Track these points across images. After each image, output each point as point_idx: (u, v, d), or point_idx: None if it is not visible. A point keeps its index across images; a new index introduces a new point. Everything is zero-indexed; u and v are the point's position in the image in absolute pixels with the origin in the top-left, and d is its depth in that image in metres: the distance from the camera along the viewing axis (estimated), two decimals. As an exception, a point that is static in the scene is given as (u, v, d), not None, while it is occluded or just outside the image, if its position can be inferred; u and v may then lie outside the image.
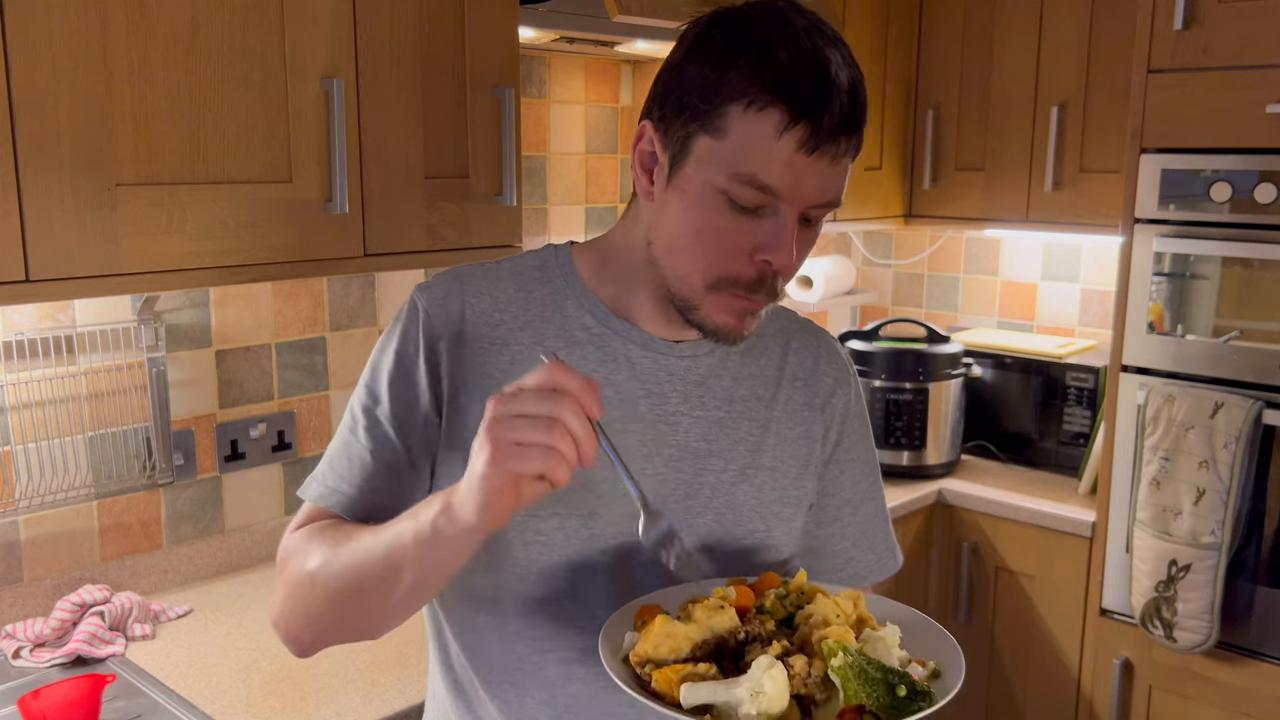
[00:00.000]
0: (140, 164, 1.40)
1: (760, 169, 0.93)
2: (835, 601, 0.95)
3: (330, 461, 1.09)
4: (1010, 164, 2.73)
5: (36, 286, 1.34)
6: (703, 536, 1.08)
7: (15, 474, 1.70)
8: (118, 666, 1.61)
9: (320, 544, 1.01)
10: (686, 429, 1.08)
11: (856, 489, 1.20)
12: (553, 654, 1.06)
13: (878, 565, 1.24)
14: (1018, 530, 2.58)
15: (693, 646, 0.90)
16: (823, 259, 3.05)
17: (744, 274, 0.98)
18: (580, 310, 1.08)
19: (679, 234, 0.99)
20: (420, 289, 1.09)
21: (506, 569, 1.05)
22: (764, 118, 0.92)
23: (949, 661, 0.94)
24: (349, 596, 0.98)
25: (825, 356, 1.19)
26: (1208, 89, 2.15)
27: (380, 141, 1.65)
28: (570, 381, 0.84)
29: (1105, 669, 2.43)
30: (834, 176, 0.96)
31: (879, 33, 2.75)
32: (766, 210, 0.96)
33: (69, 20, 1.32)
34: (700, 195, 0.97)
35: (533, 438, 0.82)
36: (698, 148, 0.96)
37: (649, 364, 1.08)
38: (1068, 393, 2.73)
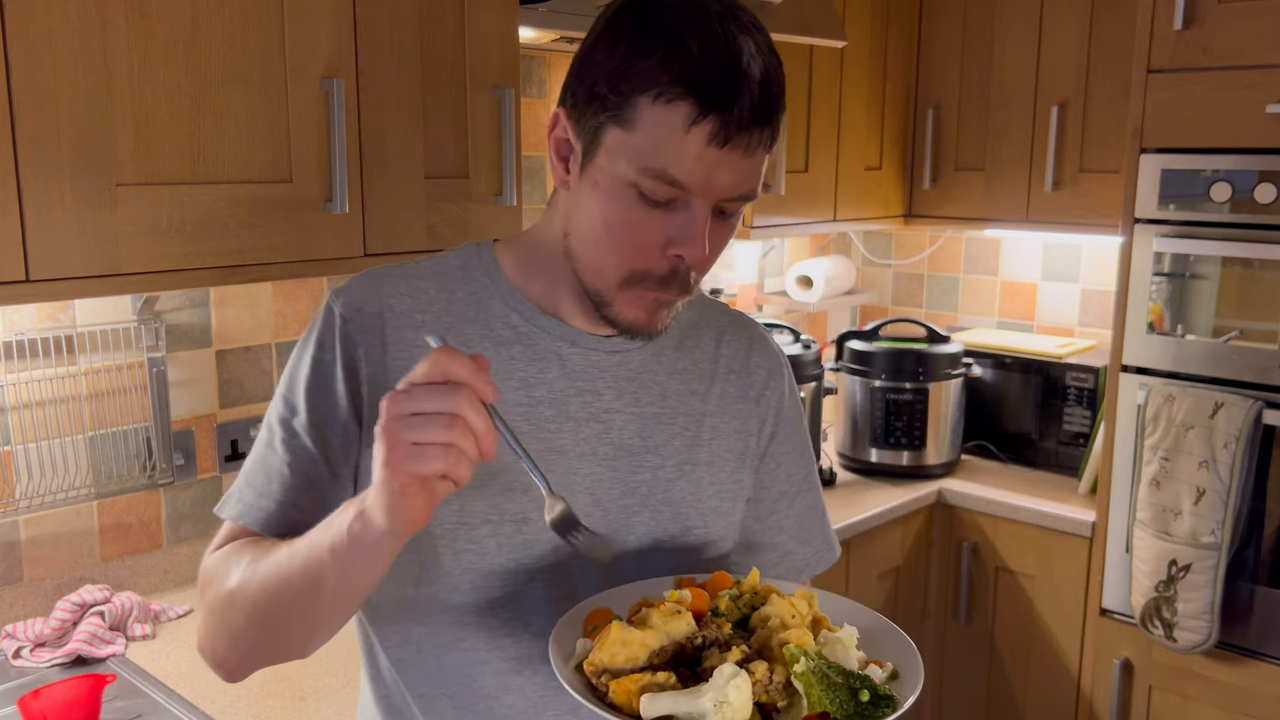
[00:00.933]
0: (140, 164, 1.40)
1: (670, 163, 0.91)
2: (790, 601, 0.93)
3: (247, 477, 1.04)
4: (1010, 164, 2.73)
5: (36, 286, 1.34)
6: (641, 535, 1.05)
7: (15, 474, 1.70)
8: (118, 666, 1.61)
9: (238, 562, 0.97)
10: (621, 426, 1.05)
11: (792, 481, 1.19)
12: (487, 665, 1.02)
13: (815, 557, 1.21)
14: (1018, 530, 2.58)
15: (650, 654, 0.87)
16: (823, 259, 3.05)
17: (656, 268, 0.95)
18: (506, 309, 1.05)
19: (591, 227, 0.97)
20: (335, 293, 1.04)
21: (437, 579, 1.01)
22: (673, 110, 0.89)
23: (906, 662, 0.92)
24: (270, 614, 0.94)
25: (757, 349, 1.17)
26: (1208, 89, 2.15)
27: (380, 141, 1.65)
28: (461, 369, 0.80)
29: (1105, 669, 2.43)
30: (748, 169, 0.93)
31: (879, 33, 2.75)
32: (678, 203, 0.93)
33: (69, 20, 1.32)
34: (611, 187, 0.94)
35: (430, 436, 0.78)
36: (608, 139, 0.93)
37: (579, 361, 1.05)
38: (1068, 393, 2.73)
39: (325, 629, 0.95)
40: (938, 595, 2.74)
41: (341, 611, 0.93)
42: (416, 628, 1.03)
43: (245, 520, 1.02)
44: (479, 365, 0.81)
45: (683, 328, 1.13)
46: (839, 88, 2.67)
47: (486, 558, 1.00)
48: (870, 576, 2.55)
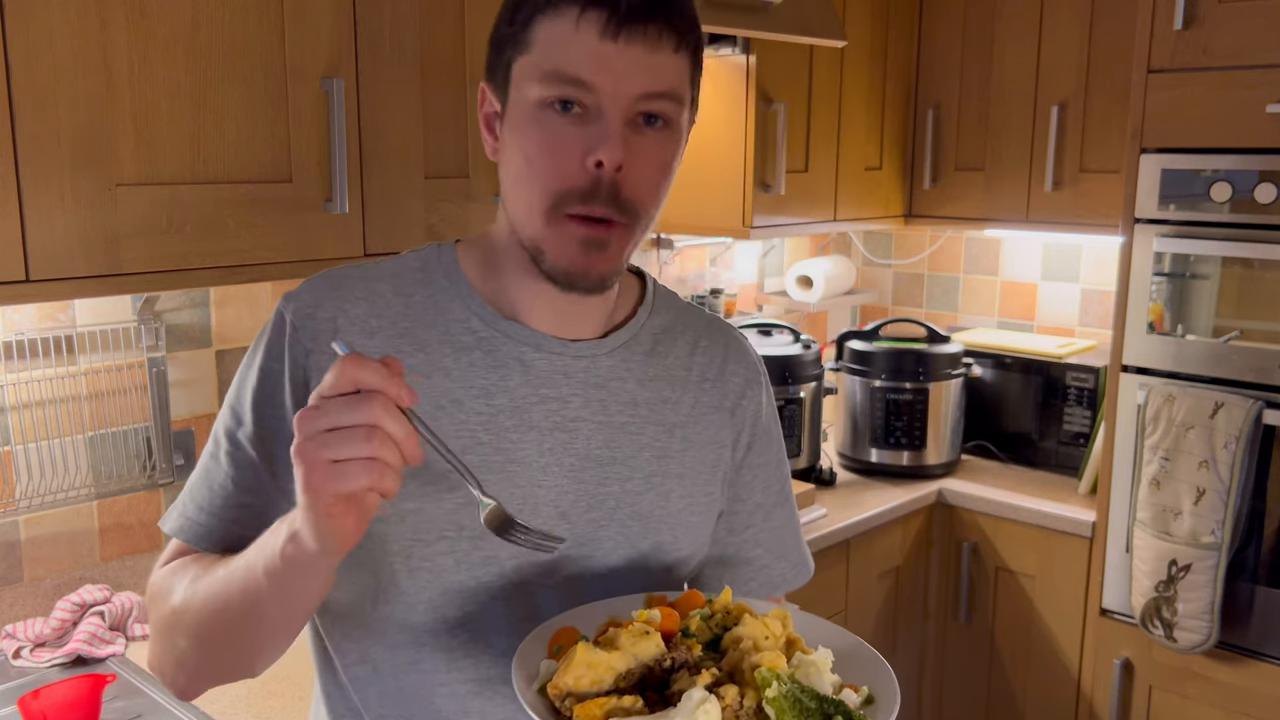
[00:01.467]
0: (140, 164, 1.40)
1: (566, 62, 0.89)
2: (764, 622, 0.89)
3: (191, 490, 1.01)
4: (1010, 164, 2.73)
5: (36, 286, 1.34)
6: (608, 549, 1.01)
7: (15, 474, 1.70)
8: (118, 666, 1.61)
9: (180, 582, 0.95)
10: (587, 435, 1.00)
11: (769, 494, 1.15)
12: (445, 687, 0.98)
13: (791, 573, 1.17)
14: (1018, 530, 2.58)
15: (616, 677, 0.83)
16: (823, 259, 3.05)
17: (578, 183, 0.90)
18: (466, 312, 1.00)
19: (515, 166, 0.93)
20: (287, 298, 0.99)
21: (393, 598, 0.96)
22: (562, 15, 0.89)
23: (882, 686, 0.88)
24: (211, 636, 0.92)
25: (733, 356, 1.12)
26: (1208, 89, 2.15)
27: (380, 141, 1.65)
28: (371, 376, 0.75)
29: (1105, 669, 2.43)
30: (656, 66, 0.90)
31: (879, 33, 2.75)
32: (590, 114, 0.90)
33: (69, 20, 1.32)
34: (524, 116, 0.92)
35: (349, 452, 0.74)
36: (516, 72, 0.92)
37: (543, 365, 1.00)
38: (1068, 393, 2.73)
39: (270, 649, 0.92)
40: (938, 595, 2.74)
41: (284, 631, 0.90)
42: (373, 646, 0.99)
43: (184, 536, 1.00)
44: (391, 369, 0.77)
45: (655, 333, 1.08)
46: (839, 88, 2.67)
47: (444, 575, 0.96)
48: (870, 576, 2.55)
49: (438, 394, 0.97)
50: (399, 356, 0.94)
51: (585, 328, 1.03)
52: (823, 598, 2.40)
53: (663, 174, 0.95)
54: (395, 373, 0.77)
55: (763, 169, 2.46)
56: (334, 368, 0.77)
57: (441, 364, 0.98)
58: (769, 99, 2.43)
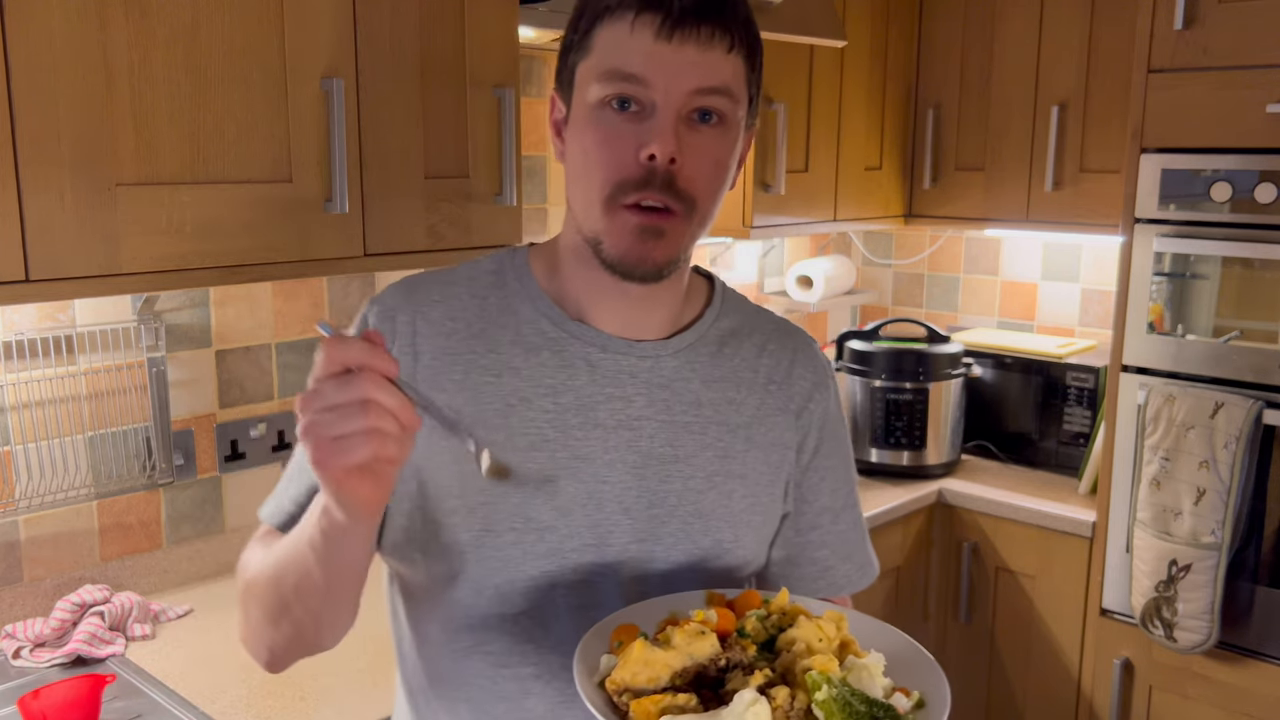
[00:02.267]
0: (140, 164, 1.40)
1: (622, 61, 0.94)
2: (818, 624, 0.92)
3: (284, 481, 1.08)
4: (1010, 164, 2.73)
5: (36, 286, 1.34)
6: (669, 545, 1.04)
7: (15, 474, 1.70)
8: (118, 666, 1.61)
9: (256, 556, 1.02)
10: (651, 434, 1.04)
11: (836, 497, 1.16)
12: (508, 669, 1.03)
13: (856, 575, 1.20)
14: (1018, 530, 2.58)
15: (672, 674, 0.86)
16: (823, 259, 3.05)
17: (632, 173, 0.94)
18: (535, 314, 1.04)
19: (576, 164, 0.98)
20: (371, 301, 1.06)
21: (462, 584, 1.02)
22: (619, 20, 0.94)
23: (934, 691, 0.89)
24: (275, 606, 0.98)
25: (801, 359, 1.14)
26: (1208, 89, 2.15)
27: (380, 141, 1.65)
28: (354, 353, 0.79)
29: (1105, 669, 2.43)
30: (708, 64, 0.95)
31: (879, 33, 2.75)
32: (645, 111, 0.94)
33: (69, 20, 1.32)
34: (585, 116, 0.97)
35: (348, 427, 0.79)
36: (579, 76, 0.98)
37: (609, 365, 1.04)
38: (1068, 393, 2.73)
39: (330, 619, 0.98)
40: (938, 595, 2.74)
41: (336, 599, 0.95)
42: (445, 628, 1.04)
43: (272, 521, 1.07)
44: (372, 342, 0.80)
45: (722, 335, 1.10)
46: (839, 88, 2.67)
47: (510, 565, 1.01)
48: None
49: (507, 392, 1.02)
50: (473, 357, 1.03)
51: (651, 329, 1.06)
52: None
53: (717, 168, 0.98)
54: (377, 345, 0.80)
55: (763, 169, 2.46)
56: (320, 350, 0.80)
57: (512, 364, 1.03)
58: (769, 99, 2.43)
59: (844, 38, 2.44)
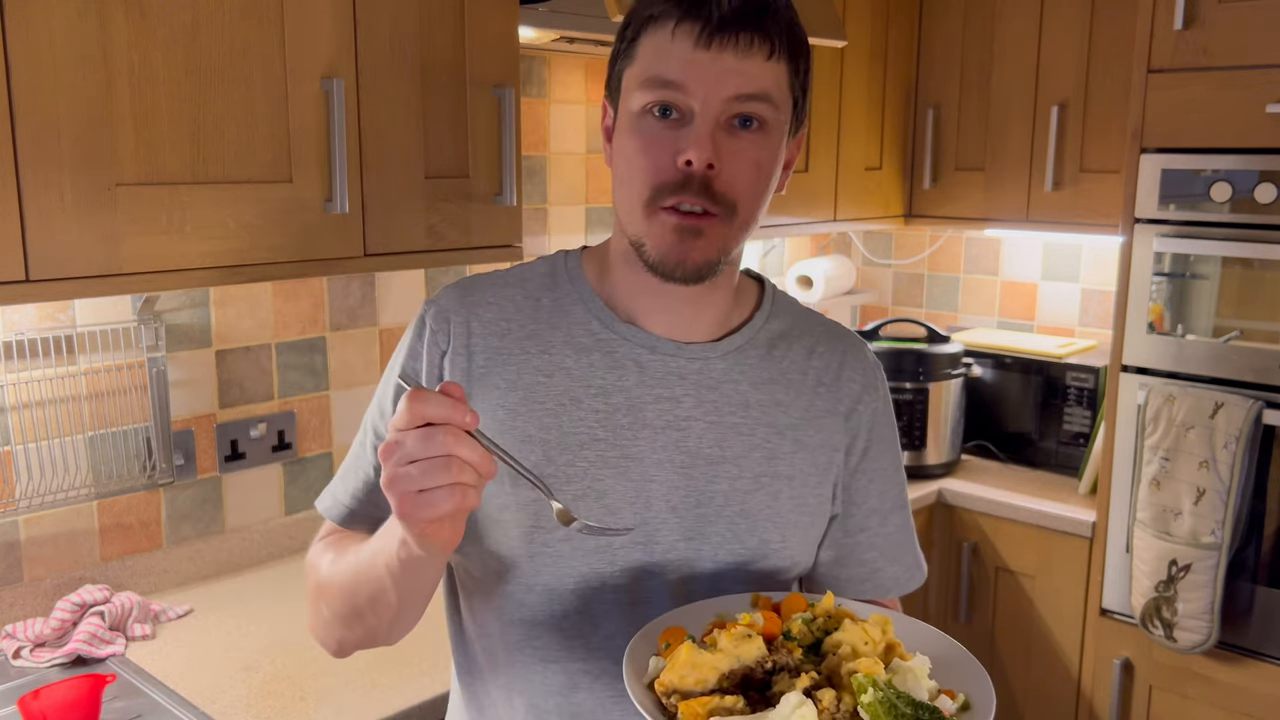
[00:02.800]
0: (140, 164, 1.40)
1: (662, 69, 0.96)
2: (863, 628, 0.93)
3: (343, 475, 1.13)
4: (1010, 164, 2.73)
5: (36, 286, 1.34)
6: (715, 545, 1.05)
7: (15, 474, 1.70)
8: (118, 666, 1.61)
9: (327, 558, 1.07)
10: (699, 434, 1.05)
11: (885, 499, 1.17)
12: (556, 664, 1.05)
13: (905, 577, 1.20)
14: (1018, 530, 2.58)
15: (719, 677, 0.88)
16: (823, 259, 3.05)
17: (671, 178, 0.97)
18: (587, 315, 1.07)
19: (620, 169, 1.01)
20: (428, 302, 1.09)
21: (515, 578, 1.05)
22: (661, 27, 0.97)
23: (978, 693, 0.90)
24: (348, 611, 1.03)
25: (851, 361, 1.15)
26: (1208, 89, 2.15)
27: (380, 141, 1.65)
28: (435, 409, 0.82)
29: (1105, 669, 2.43)
30: (747, 71, 0.96)
31: (879, 33, 2.75)
32: (685, 118, 0.97)
33: (69, 20, 1.32)
34: (629, 122, 0.99)
35: (432, 482, 0.82)
36: (624, 83, 1.01)
37: (658, 367, 1.05)
38: (1068, 393, 2.73)
39: (399, 625, 1.03)
40: (938, 595, 2.74)
41: (408, 611, 1.01)
42: (498, 620, 1.07)
43: (331, 515, 1.12)
44: (453, 397, 0.83)
45: (771, 337, 1.11)
46: (839, 88, 2.67)
47: (560, 561, 1.03)
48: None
49: (559, 392, 1.05)
50: (526, 357, 1.06)
51: (700, 331, 1.08)
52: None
53: (757, 172, 0.99)
54: (457, 399, 0.83)
55: (763, 169, 2.46)
56: (402, 403, 0.83)
57: (564, 364, 1.05)
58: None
59: (844, 38, 2.44)
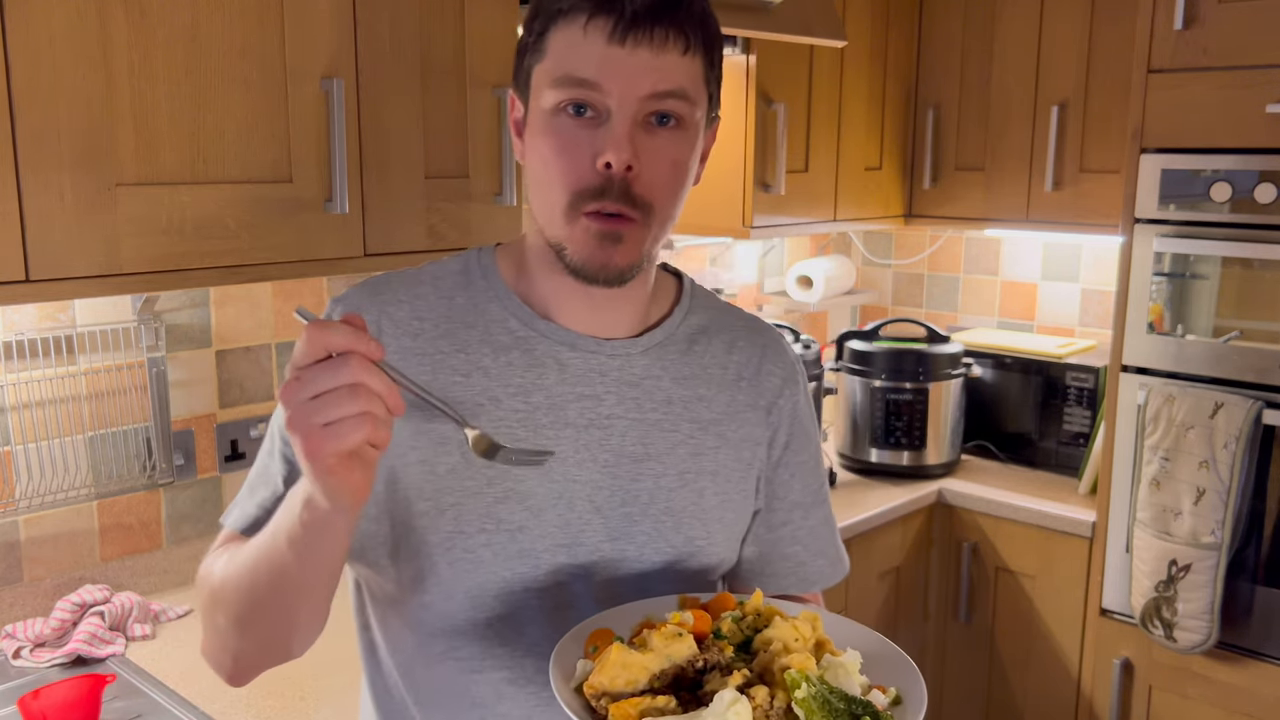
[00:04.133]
0: (140, 163, 1.40)
1: (575, 66, 0.93)
2: (794, 624, 0.92)
3: (250, 487, 1.06)
4: (1010, 164, 2.73)
5: (36, 286, 1.34)
6: (641, 544, 1.04)
7: (15, 474, 1.70)
8: (118, 666, 1.61)
9: (220, 562, 0.99)
10: (622, 432, 1.03)
11: (807, 492, 1.17)
12: (480, 674, 1.02)
13: (829, 570, 1.20)
14: (1018, 530, 2.58)
15: (650, 677, 0.86)
16: (823, 259, 3.05)
17: (590, 182, 0.94)
18: (504, 313, 1.04)
19: (535, 170, 0.98)
20: (334, 302, 1.04)
21: (434, 588, 1.00)
22: (572, 23, 0.93)
23: (909, 687, 0.90)
24: (246, 614, 0.96)
25: (771, 356, 1.14)
26: (1208, 89, 2.15)
27: (380, 141, 1.65)
28: (340, 338, 0.79)
29: (1105, 669, 2.43)
30: (663, 67, 0.93)
31: (879, 33, 2.75)
32: (601, 117, 0.93)
33: (69, 20, 1.32)
34: (543, 122, 0.96)
35: (340, 412, 0.78)
36: (535, 80, 0.97)
37: (578, 364, 1.03)
38: (1068, 393, 2.73)
39: (304, 621, 0.95)
40: (938, 595, 2.74)
41: (313, 600, 0.94)
42: (415, 633, 1.03)
43: (237, 526, 1.04)
44: (355, 326, 0.80)
45: (691, 332, 1.10)
46: (839, 88, 2.67)
47: (482, 568, 0.99)
48: (870, 576, 2.55)
49: (477, 392, 1.01)
50: (441, 357, 1.01)
51: (619, 327, 1.05)
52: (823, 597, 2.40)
53: (675, 171, 0.97)
54: (360, 329, 0.80)
55: (763, 169, 2.46)
56: (302, 337, 0.79)
57: (481, 363, 1.02)
58: (769, 99, 2.43)
59: (844, 38, 2.45)
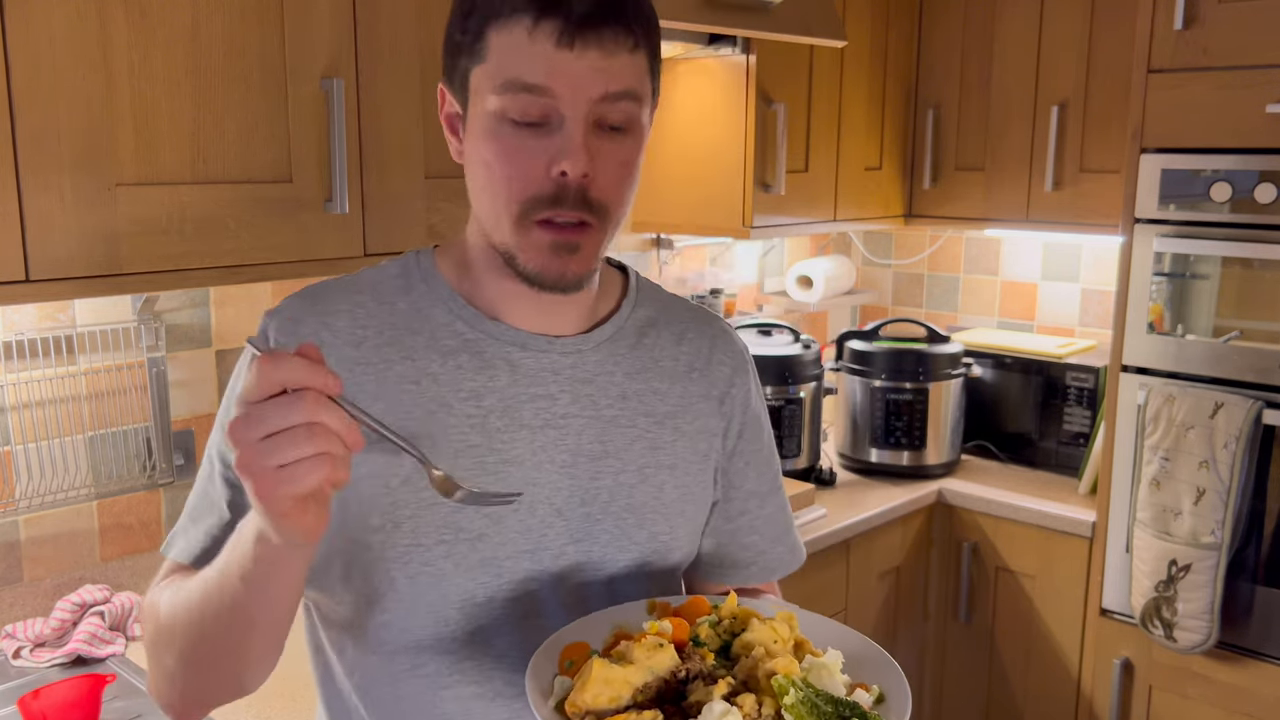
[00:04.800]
0: (140, 163, 1.40)
1: (523, 71, 0.88)
2: (772, 626, 0.90)
3: (192, 513, 1.01)
4: (1010, 164, 2.73)
5: (36, 286, 1.34)
6: (605, 543, 1.02)
7: (15, 474, 1.70)
8: (118, 666, 1.61)
9: (166, 596, 0.95)
10: (578, 431, 1.01)
11: (762, 481, 1.15)
12: (449, 690, 0.98)
13: (788, 557, 1.19)
14: (1018, 530, 2.58)
15: (634, 691, 0.84)
16: (823, 259, 3.05)
17: (544, 190, 0.90)
18: (449, 316, 1.00)
19: (479, 175, 0.94)
20: (268, 315, 1.00)
21: (393, 605, 0.97)
22: (515, 25, 0.88)
23: (891, 684, 0.89)
24: (197, 648, 0.91)
25: (720, 346, 1.12)
26: (1208, 89, 2.15)
27: (380, 141, 1.65)
28: (296, 372, 0.73)
29: (1105, 669, 2.43)
30: (614, 69, 0.89)
31: (879, 33, 2.75)
32: (552, 123, 0.90)
33: (69, 20, 1.32)
34: (484, 126, 0.92)
35: (295, 454, 0.73)
36: (473, 81, 0.92)
37: (530, 364, 1.00)
38: (1068, 393, 2.73)
39: (258, 657, 0.92)
40: (938, 595, 2.74)
41: (268, 636, 0.90)
42: (375, 654, 0.99)
43: (182, 558, 1.00)
44: (311, 359, 0.75)
45: (640, 325, 1.08)
46: (839, 88, 2.67)
47: (443, 579, 0.96)
48: (870, 576, 2.55)
49: (427, 399, 0.97)
50: (386, 366, 0.97)
51: (568, 324, 1.03)
52: (823, 597, 2.40)
53: (627, 172, 0.95)
54: (317, 361, 0.75)
55: (763, 169, 2.46)
56: (253, 370, 0.74)
57: (429, 369, 0.98)
58: (769, 99, 2.43)
59: (844, 38, 2.45)
